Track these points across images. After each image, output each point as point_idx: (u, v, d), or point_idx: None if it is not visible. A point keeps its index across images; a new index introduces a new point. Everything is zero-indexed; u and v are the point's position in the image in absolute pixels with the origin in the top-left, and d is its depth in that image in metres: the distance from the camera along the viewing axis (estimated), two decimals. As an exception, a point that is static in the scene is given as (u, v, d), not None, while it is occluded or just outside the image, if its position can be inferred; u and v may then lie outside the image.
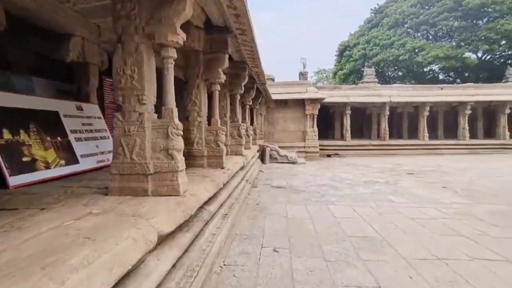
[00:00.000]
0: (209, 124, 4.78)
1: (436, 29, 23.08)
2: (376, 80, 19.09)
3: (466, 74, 24.50)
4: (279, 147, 12.80)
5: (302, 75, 14.74)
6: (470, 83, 16.21)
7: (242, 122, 8.49)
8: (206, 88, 4.82)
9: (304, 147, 13.73)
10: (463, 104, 15.40)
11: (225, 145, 6.97)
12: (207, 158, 4.65)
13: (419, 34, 25.98)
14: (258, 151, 11.30)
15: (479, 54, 26.24)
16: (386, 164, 11.30)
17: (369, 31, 24.72)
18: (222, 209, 3.92)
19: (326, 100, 14.25)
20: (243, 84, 6.87)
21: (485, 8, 20.87)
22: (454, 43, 25.71)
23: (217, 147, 4.63)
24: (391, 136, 15.83)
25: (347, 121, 15.54)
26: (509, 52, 24.24)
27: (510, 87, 15.99)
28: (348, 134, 15.45)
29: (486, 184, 7.16)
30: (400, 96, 15.30)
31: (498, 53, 24.56)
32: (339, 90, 15.64)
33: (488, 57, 26.55)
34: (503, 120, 15.62)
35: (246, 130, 8.96)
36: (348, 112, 15.44)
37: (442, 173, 8.92)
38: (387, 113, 15.56)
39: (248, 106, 9.26)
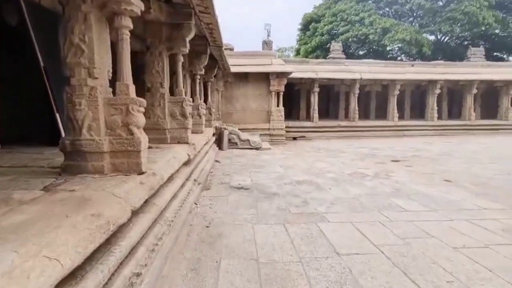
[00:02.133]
0: (114, 93, 2.62)
1: (404, 7, 22.27)
2: (343, 56, 17.71)
3: (426, 54, 24.29)
4: (239, 129, 10.83)
5: (266, 44, 12.63)
6: (440, 61, 15.50)
7: (193, 98, 6.36)
8: (108, 26, 2.62)
9: (269, 129, 11.90)
10: (432, 82, 14.58)
11: (164, 129, 4.83)
12: (110, 156, 2.54)
13: (382, 12, 25.03)
14: (214, 134, 9.23)
15: (439, 36, 26.19)
16: (361, 149, 9.93)
17: (336, 4, 23.04)
18: (129, 265, 1.89)
19: (291, 76, 12.44)
20: (187, 39, 4.68)
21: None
22: (418, 23, 25.25)
23: (129, 135, 2.52)
24: (358, 117, 14.62)
25: (314, 100, 13.96)
26: (466, 34, 24.36)
27: (477, 65, 15.54)
28: (315, 114, 13.92)
29: (486, 174, 5.94)
30: (371, 73, 14.00)
31: (456, 34, 24.58)
32: (307, 65, 13.89)
33: (446, 38, 26.67)
34: (470, 101, 15.18)
35: (197, 108, 6.83)
36: (316, 89, 13.83)
37: (429, 160, 7.68)
38: (357, 91, 14.23)
39: (199, 77, 7.06)
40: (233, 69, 11.14)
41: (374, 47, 22.74)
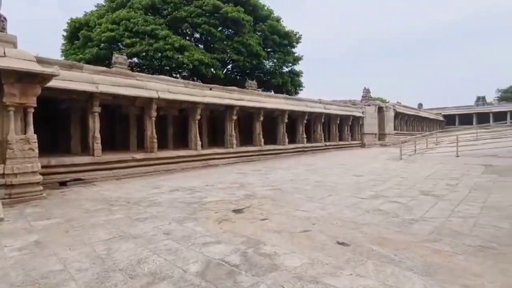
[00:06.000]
0: None
1: (196, 30, 21.93)
2: (130, 71, 14.28)
3: (219, 78, 25.19)
4: None
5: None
6: (235, 87, 15.37)
7: None
8: None
9: (4, 175, 6.41)
10: (230, 108, 14.07)
11: None
12: None
13: (173, 31, 23.81)
14: None
15: (220, 67, 28.18)
16: (175, 193, 6.94)
17: (114, 11, 19.07)
18: None
19: (53, 85, 7.73)
20: None
21: (240, 22, 21.99)
22: (209, 49, 25.90)
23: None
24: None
25: (95, 124, 9.61)
26: (246, 65, 27.49)
27: (262, 95, 16.85)
28: (98, 144, 9.56)
29: (353, 217, 4.67)
30: (171, 92, 11.48)
31: (240, 64, 27.09)
32: (80, 72, 9.35)
33: (225, 70, 29.19)
34: (258, 128, 15.93)
35: None
36: (97, 109, 9.58)
37: (271, 202, 5.87)
38: (154, 114, 11.24)
39: None
40: None
41: (172, 64, 20.58)
